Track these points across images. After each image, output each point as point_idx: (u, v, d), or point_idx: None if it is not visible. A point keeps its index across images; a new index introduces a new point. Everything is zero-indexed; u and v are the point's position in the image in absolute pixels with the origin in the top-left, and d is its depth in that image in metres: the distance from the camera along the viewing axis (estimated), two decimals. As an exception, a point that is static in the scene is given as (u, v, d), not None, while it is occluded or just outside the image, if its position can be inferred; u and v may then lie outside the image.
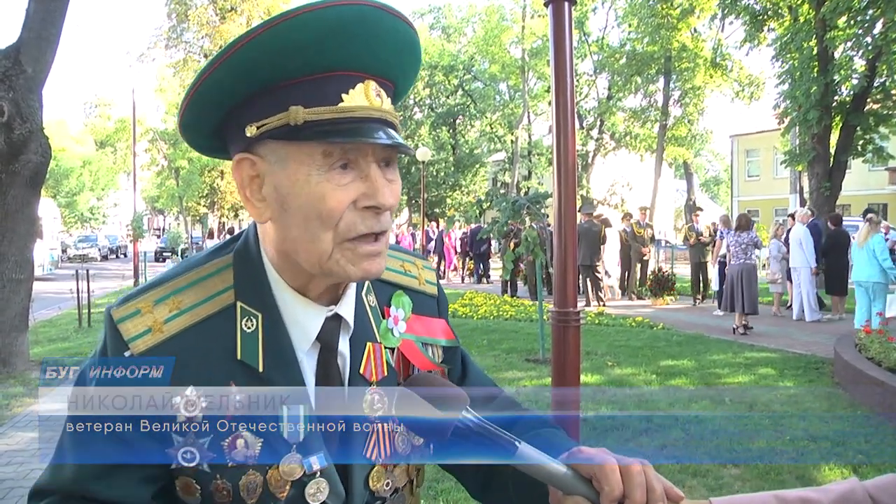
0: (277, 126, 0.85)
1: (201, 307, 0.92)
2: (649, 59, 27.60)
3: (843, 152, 16.22)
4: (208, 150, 1.02)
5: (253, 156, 0.89)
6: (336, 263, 0.88)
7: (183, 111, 0.91)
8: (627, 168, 34.80)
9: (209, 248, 1.04)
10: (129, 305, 0.91)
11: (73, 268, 15.49)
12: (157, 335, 0.89)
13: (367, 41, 0.85)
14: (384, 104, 0.89)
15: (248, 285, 0.94)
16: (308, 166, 0.85)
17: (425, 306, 1.13)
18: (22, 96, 7.52)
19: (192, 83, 0.88)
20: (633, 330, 11.14)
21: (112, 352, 0.89)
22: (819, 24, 15.56)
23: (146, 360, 0.87)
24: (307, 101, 0.84)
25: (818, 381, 7.42)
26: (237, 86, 0.86)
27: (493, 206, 10.65)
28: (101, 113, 56.01)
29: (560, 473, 0.80)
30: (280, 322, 0.93)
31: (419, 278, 1.15)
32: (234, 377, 0.89)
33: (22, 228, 7.96)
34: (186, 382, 0.87)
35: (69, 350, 9.72)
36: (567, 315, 3.75)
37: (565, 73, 3.71)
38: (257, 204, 0.91)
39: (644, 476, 0.79)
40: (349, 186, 0.86)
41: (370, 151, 0.87)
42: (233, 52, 0.83)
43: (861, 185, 30.70)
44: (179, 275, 0.95)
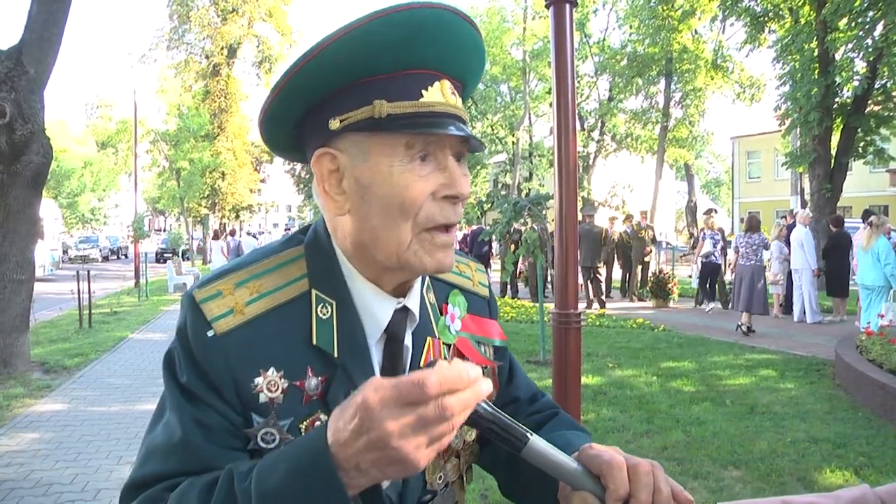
0: (361, 119, 0.88)
1: (280, 292, 0.94)
2: (650, 60, 27.59)
3: (844, 154, 16.20)
4: (282, 149, 1.04)
5: (333, 150, 0.92)
6: (413, 254, 0.91)
7: (270, 103, 0.93)
8: (628, 170, 34.80)
9: (280, 238, 1.07)
10: (211, 287, 0.93)
11: (74, 269, 15.49)
12: (238, 316, 0.91)
13: (444, 43, 0.89)
14: (457, 102, 0.94)
15: (321, 274, 0.97)
16: (390, 157, 0.89)
17: (478, 307, 1.18)
18: (24, 97, 7.53)
19: (283, 74, 0.90)
20: (633, 331, 11.14)
21: (193, 331, 0.90)
22: (820, 25, 15.55)
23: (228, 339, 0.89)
24: (390, 95, 0.88)
25: (819, 383, 7.42)
26: (325, 79, 0.89)
27: (495, 207, 10.65)
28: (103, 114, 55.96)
29: (569, 468, 0.81)
30: (353, 310, 0.96)
31: (473, 280, 1.20)
32: (310, 362, 0.92)
33: (23, 229, 7.97)
34: (267, 364, 0.90)
35: (70, 351, 9.72)
36: (568, 316, 3.75)
37: (566, 74, 3.71)
38: (336, 197, 0.94)
39: (652, 477, 0.79)
40: (429, 177, 0.89)
41: (447, 144, 0.91)
42: (326, 46, 0.86)
43: (862, 187, 30.69)
44: (256, 261, 0.97)
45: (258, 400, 0.89)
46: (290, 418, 0.90)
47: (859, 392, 6.64)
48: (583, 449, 0.84)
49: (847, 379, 7.04)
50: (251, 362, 0.89)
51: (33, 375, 8.05)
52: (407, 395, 0.69)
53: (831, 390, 7.11)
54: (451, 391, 0.70)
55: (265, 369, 0.90)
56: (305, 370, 0.91)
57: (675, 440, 5.54)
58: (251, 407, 0.89)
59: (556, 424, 1.11)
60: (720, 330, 11.40)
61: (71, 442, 5.74)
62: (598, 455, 0.81)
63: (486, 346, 1.15)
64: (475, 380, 0.72)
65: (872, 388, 6.34)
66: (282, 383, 0.90)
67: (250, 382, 0.89)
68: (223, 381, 0.88)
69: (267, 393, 0.89)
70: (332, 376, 0.92)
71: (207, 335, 0.89)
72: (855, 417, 6.13)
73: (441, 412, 0.69)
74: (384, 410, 0.69)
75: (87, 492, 4.66)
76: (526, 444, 0.78)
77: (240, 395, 0.89)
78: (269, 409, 0.89)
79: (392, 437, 0.69)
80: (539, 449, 0.79)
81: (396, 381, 0.70)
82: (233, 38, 38.35)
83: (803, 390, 7.13)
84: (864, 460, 5.01)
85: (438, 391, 0.69)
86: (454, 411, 0.70)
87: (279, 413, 0.90)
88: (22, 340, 8.23)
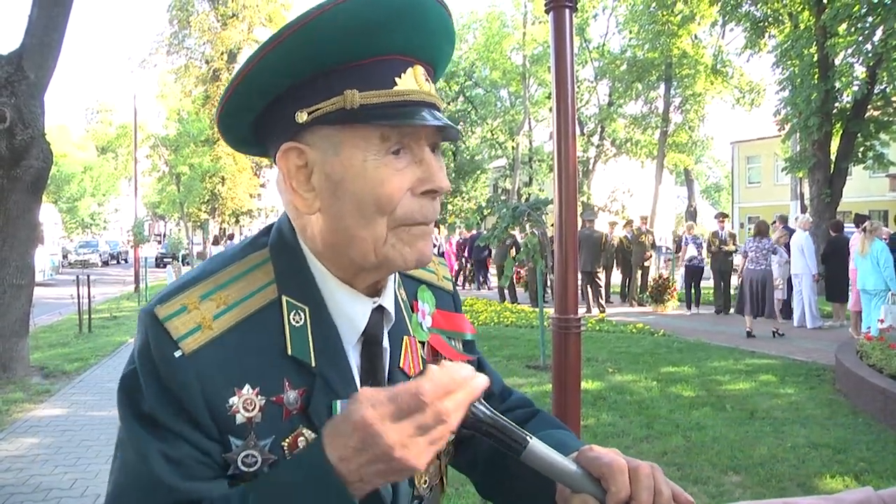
0: (331, 111, 0.83)
1: (248, 301, 0.88)
2: (650, 65, 27.63)
3: (844, 159, 16.23)
4: (243, 144, 0.98)
5: (301, 144, 0.87)
6: (392, 248, 0.86)
7: (229, 95, 0.88)
8: (628, 174, 34.81)
9: (240, 242, 0.99)
10: (174, 302, 0.85)
11: (74, 273, 15.49)
12: (207, 332, 0.83)
13: (416, 26, 0.85)
14: (431, 88, 0.89)
15: (290, 278, 0.91)
16: (364, 151, 0.84)
17: (445, 301, 1.14)
18: (24, 102, 7.54)
19: (241, 67, 0.85)
20: (633, 336, 11.13)
21: (158, 352, 0.82)
22: (819, 31, 15.59)
23: (198, 359, 0.82)
24: (361, 84, 0.83)
25: (819, 388, 7.41)
26: (290, 70, 0.83)
27: (494, 212, 10.66)
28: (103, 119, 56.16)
29: (569, 471, 0.80)
30: (327, 315, 0.91)
31: (437, 274, 1.16)
32: (286, 374, 0.86)
33: (23, 234, 7.96)
34: (241, 381, 0.83)
35: (69, 356, 9.71)
36: (568, 322, 3.74)
37: (566, 79, 3.71)
38: (305, 195, 0.88)
39: (653, 479, 0.79)
40: (406, 171, 0.85)
41: (423, 135, 0.86)
42: (289, 35, 0.81)
43: (862, 192, 30.68)
44: (219, 269, 0.90)
45: (235, 421, 0.82)
46: (270, 437, 0.84)
47: (859, 397, 6.63)
48: (582, 451, 0.83)
49: (847, 384, 7.03)
50: (224, 381, 0.82)
51: (33, 380, 8.04)
52: (405, 408, 0.69)
53: (831, 395, 7.10)
54: (446, 394, 0.70)
55: (240, 387, 0.83)
56: (282, 383, 0.85)
57: (675, 445, 5.53)
58: (228, 429, 0.82)
59: (540, 423, 1.08)
60: (720, 335, 11.39)
61: (70, 447, 5.73)
62: (599, 457, 0.80)
63: (457, 340, 1.12)
64: (468, 378, 0.72)
65: (872, 393, 6.34)
66: (258, 401, 0.83)
67: (225, 403, 0.82)
68: (196, 405, 0.81)
69: (244, 413, 0.83)
70: (312, 387, 0.87)
71: (175, 356, 0.81)
72: (855, 423, 6.12)
73: (439, 417, 0.69)
74: (384, 426, 0.69)
75: (86, 497, 4.65)
76: (526, 447, 0.78)
77: (215, 419, 0.82)
78: (247, 429, 0.83)
79: (395, 449, 0.69)
80: (539, 452, 0.78)
81: (392, 393, 0.70)
82: (233, 44, 38.37)
83: (803, 395, 7.12)
84: (865, 465, 5.00)
85: (434, 398, 0.69)
86: (450, 413, 0.70)
87: (258, 433, 0.83)
88: (21, 345, 8.22)
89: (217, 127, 0.96)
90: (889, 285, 9.42)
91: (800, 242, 11.82)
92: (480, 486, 1.12)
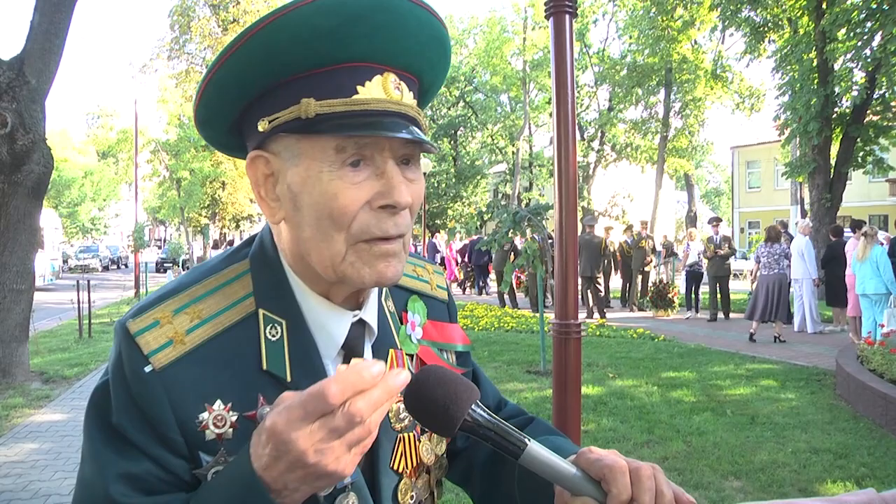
0: (289, 120, 0.81)
1: (223, 315, 0.86)
2: (650, 70, 27.69)
3: (844, 164, 16.24)
4: (227, 148, 0.97)
5: (267, 153, 0.85)
6: (350, 266, 0.83)
7: (196, 106, 0.88)
8: (628, 179, 34.88)
9: (222, 252, 0.98)
10: (146, 317, 0.84)
11: (74, 278, 15.50)
12: (178, 347, 0.82)
13: (387, 31, 0.81)
14: (404, 98, 0.85)
15: (268, 291, 0.89)
16: (320, 162, 0.81)
17: (438, 311, 1.11)
18: (25, 107, 7.55)
19: (203, 76, 0.84)
20: (634, 341, 11.13)
21: (129, 367, 0.81)
22: (819, 36, 15.61)
23: (168, 374, 0.81)
24: (320, 93, 0.80)
25: (820, 393, 7.40)
26: (249, 77, 0.82)
27: (494, 217, 10.66)
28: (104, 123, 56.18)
29: (569, 473, 0.78)
30: (305, 328, 0.89)
31: (431, 283, 1.13)
32: (261, 389, 0.84)
33: (23, 238, 7.97)
34: (212, 397, 0.82)
35: (69, 361, 9.70)
36: (568, 327, 3.74)
37: (566, 84, 3.72)
38: (271, 203, 0.87)
39: (654, 480, 0.77)
40: (363, 185, 0.81)
41: (387, 147, 0.82)
42: (248, 38, 0.79)
43: (862, 197, 30.75)
44: (196, 282, 0.89)
45: (204, 437, 0.81)
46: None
47: (860, 402, 6.63)
48: (581, 453, 0.81)
49: (848, 389, 7.02)
50: (195, 397, 0.81)
51: (32, 385, 8.03)
52: (312, 410, 0.66)
53: (832, 400, 7.09)
54: (356, 393, 0.67)
55: (210, 403, 0.82)
56: (257, 399, 0.83)
57: (676, 450, 5.52)
58: (198, 445, 0.81)
59: (536, 429, 1.05)
60: (720, 339, 11.38)
61: (70, 452, 5.71)
62: (600, 459, 0.78)
63: (449, 352, 1.09)
64: (379, 376, 0.68)
65: (873, 398, 6.33)
66: (230, 416, 0.82)
67: (194, 419, 0.81)
68: (164, 420, 0.80)
69: (213, 429, 0.81)
70: None
71: (145, 371, 0.80)
72: (856, 427, 6.11)
73: (350, 419, 0.66)
74: (293, 431, 0.66)
75: (85, 502, 4.64)
76: (524, 449, 0.77)
77: (184, 434, 0.80)
78: (217, 445, 0.81)
79: (308, 455, 0.66)
80: (538, 454, 0.77)
81: (300, 397, 0.67)
82: (234, 49, 38.51)
83: (804, 400, 7.11)
84: (866, 471, 4.99)
85: (341, 398, 0.66)
86: (363, 414, 0.66)
87: (229, 449, 0.81)
88: (21, 350, 8.21)
89: (200, 134, 0.96)
90: (890, 289, 9.43)
91: (800, 247, 11.82)
92: (477, 497, 1.09)
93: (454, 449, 1.09)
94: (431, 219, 37.79)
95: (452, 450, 1.08)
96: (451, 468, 1.09)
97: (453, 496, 4.29)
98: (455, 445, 0.92)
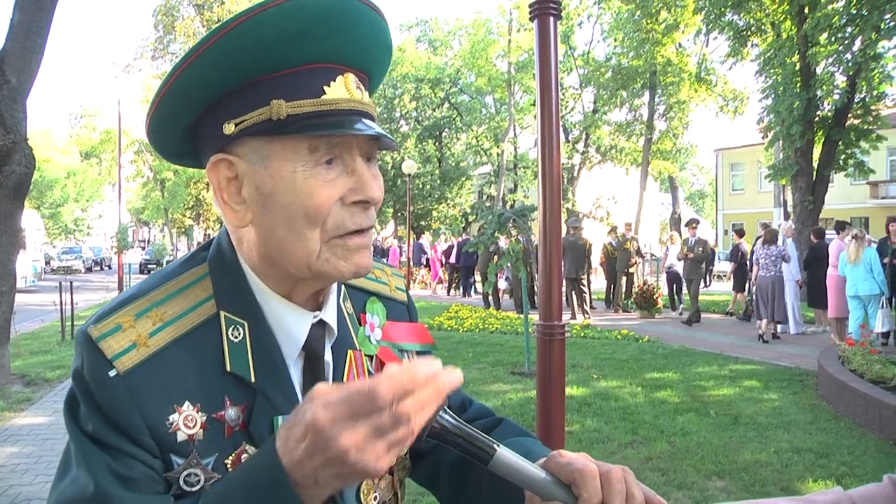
0: (258, 122, 0.81)
1: (185, 318, 0.86)
2: (634, 73, 27.81)
3: (826, 166, 16.41)
4: (177, 157, 0.96)
5: (230, 156, 0.85)
6: (326, 262, 0.84)
7: (153, 111, 0.86)
8: (613, 181, 34.96)
9: (181, 257, 0.98)
10: (108, 322, 0.83)
11: (57, 280, 15.35)
12: (142, 350, 0.81)
13: (346, 33, 0.83)
14: (364, 97, 0.87)
15: (228, 293, 0.89)
16: (293, 162, 0.82)
17: (397, 312, 1.12)
18: (6, 106, 7.48)
19: (164, 80, 0.83)
20: (618, 343, 11.17)
21: (92, 373, 0.80)
22: (801, 40, 15.78)
23: (133, 377, 0.80)
24: (288, 94, 0.81)
25: (802, 394, 7.47)
26: (216, 80, 0.82)
27: (479, 218, 10.67)
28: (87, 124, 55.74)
29: (538, 478, 0.77)
30: (267, 329, 0.89)
31: (389, 285, 1.14)
32: (226, 390, 0.84)
33: (4, 240, 7.88)
34: (181, 398, 0.82)
35: (51, 363, 9.60)
36: (552, 328, 3.75)
37: (551, 86, 3.73)
38: (236, 207, 0.86)
39: (624, 483, 0.77)
40: (335, 182, 0.83)
41: (355, 145, 0.85)
42: (212, 43, 0.79)
43: (844, 199, 31.08)
44: (157, 286, 0.88)
45: (176, 439, 0.80)
46: (213, 455, 0.82)
47: (841, 402, 6.70)
48: (551, 457, 0.80)
49: (829, 389, 7.10)
50: (163, 399, 0.81)
51: (13, 388, 7.95)
52: (359, 409, 0.65)
53: (814, 401, 7.16)
54: (405, 395, 0.65)
55: (179, 404, 0.81)
56: (223, 400, 0.84)
57: (660, 451, 5.55)
58: (169, 448, 0.80)
59: (505, 431, 1.05)
60: (705, 341, 11.45)
61: (51, 456, 5.66)
62: (570, 463, 0.77)
63: (409, 353, 1.09)
64: (432, 376, 0.66)
65: (854, 398, 6.40)
66: (199, 417, 0.82)
67: (165, 421, 0.80)
68: (133, 424, 0.79)
69: (185, 430, 0.81)
70: (253, 403, 0.85)
71: (109, 375, 0.79)
72: (837, 427, 6.17)
73: (397, 419, 0.65)
74: (336, 428, 0.65)
75: (67, 506, 4.60)
76: (494, 455, 0.76)
77: (155, 437, 0.80)
78: (188, 447, 0.81)
79: (349, 454, 0.65)
80: (507, 460, 0.76)
81: (346, 394, 0.66)
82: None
83: (787, 401, 7.17)
84: (846, 469, 5.05)
85: (391, 399, 0.64)
86: (411, 415, 0.65)
87: (201, 451, 0.81)
88: (2, 353, 8.13)
89: (150, 142, 0.94)
90: (882, 289, 9.55)
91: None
92: (444, 501, 1.09)
93: (420, 450, 1.08)
94: (416, 220, 37.80)
95: (418, 451, 1.07)
96: (418, 471, 1.09)
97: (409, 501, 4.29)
98: (421, 446, 0.91)
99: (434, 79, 39.05)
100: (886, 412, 5.87)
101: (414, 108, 41.05)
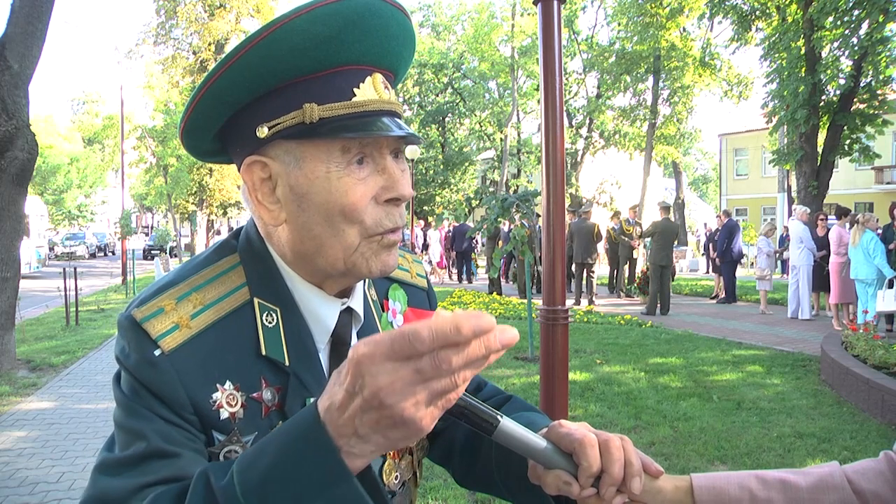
0: (291, 125, 0.84)
1: (224, 301, 0.89)
2: (638, 57, 27.67)
3: (831, 151, 16.32)
4: (209, 156, 0.99)
5: (264, 158, 0.88)
6: (361, 257, 0.87)
7: (189, 113, 0.89)
8: (616, 166, 34.94)
9: (210, 246, 1.00)
10: (151, 305, 0.86)
11: (61, 266, 15.36)
12: (185, 331, 0.85)
13: (376, 35, 0.85)
14: (391, 96, 0.90)
15: (261, 281, 0.92)
16: (326, 163, 0.84)
17: (418, 299, 1.16)
18: (7, 92, 7.46)
19: (200, 84, 0.85)
20: (621, 328, 11.19)
21: (137, 353, 0.83)
22: (806, 24, 15.65)
23: (178, 356, 0.83)
24: (320, 97, 0.83)
25: (805, 379, 7.48)
26: (249, 85, 0.84)
27: (482, 203, 10.66)
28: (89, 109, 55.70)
29: (540, 448, 0.81)
30: (299, 316, 0.92)
31: (411, 272, 1.17)
32: (262, 372, 0.88)
33: (8, 226, 7.89)
34: (222, 378, 0.85)
35: (56, 349, 9.66)
36: (556, 313, 3.76)
37: (554, 71, 3.71)
38: (271, 207, 0.89)
39: (623, 451, 0.81)
40: (368, 180, 0.86)
41: (385, 143, 0.87)
42: (247, 51, 0.81)
43: (848, 185, 30.97)
44: (195, 272, 0.92)
45: (219, 416, 0.84)
46: (253, 433, 0.86)
47: (844, 387, 6.70)
48: (552, 427, 0.84)
49: (832, 374, 7.10)
50: (206, 377, 0.84)
51: (19, 373, 7.99)
52: (399, 350, 0.60)
53: (817, 386, 7.17)
54: (448, 343, 0.60)
55: (221, 383, 0.85)
56: (260, 381, 0.87)
57: (663, 436, 5.57)
58: (212, 425, 0.84)
59: (513, 407, 1.09)
60: (707, 326, 11.46)
61: (57, 440, 5.71)
62: (570, 433, 0.81)
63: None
64: (481, 330, 0.60)
65: (857, 383, 6.40)
66: (240, 396, 0.86)
67: (209, 399, 0.84)
68: (179, 402, 0.82)
69: (227, 408, 0.84)
70: (286, 385, 0.88)
71: (154, 354, 0.82)
72: (840, 412, 6.18)
73: (438, 366, 0.60)
74: (376, 365, 0.61)
75: (73, 490, 4.64)
76: (497, 426, 0.78)
77: (199, 414, 0.83)
78: (230, 424, 0.85)
79: (386, 394, 0.61)
80: (509, 430, 0.79)
81: (390, 333, 0.62)
82: (220, 34, 38.09)
83: (789, 386, 7.18)
84: (849, 454, 5.06)
85: (431, 344, 0.60)
86: (454, 365, 0.60)
87: (241, 429, 0.85)
88: (7, 338, 8.16)
89: (182, 143, 0.96)
90: (883, 272, 9.54)
91: (798, 234, 11.88)
92: (457, 475, 1.13)
93: (434, 429, 1.08)
94: (420, 205, 37.78)
95: (434, 429, 1.07)
96: (432, 448, 1.13)
97: (441, 482, 4.31)
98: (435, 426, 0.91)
99: (437, 64, 38.89)
100: (889, 397, 5.87)
101: (417, 92, 40.94)
